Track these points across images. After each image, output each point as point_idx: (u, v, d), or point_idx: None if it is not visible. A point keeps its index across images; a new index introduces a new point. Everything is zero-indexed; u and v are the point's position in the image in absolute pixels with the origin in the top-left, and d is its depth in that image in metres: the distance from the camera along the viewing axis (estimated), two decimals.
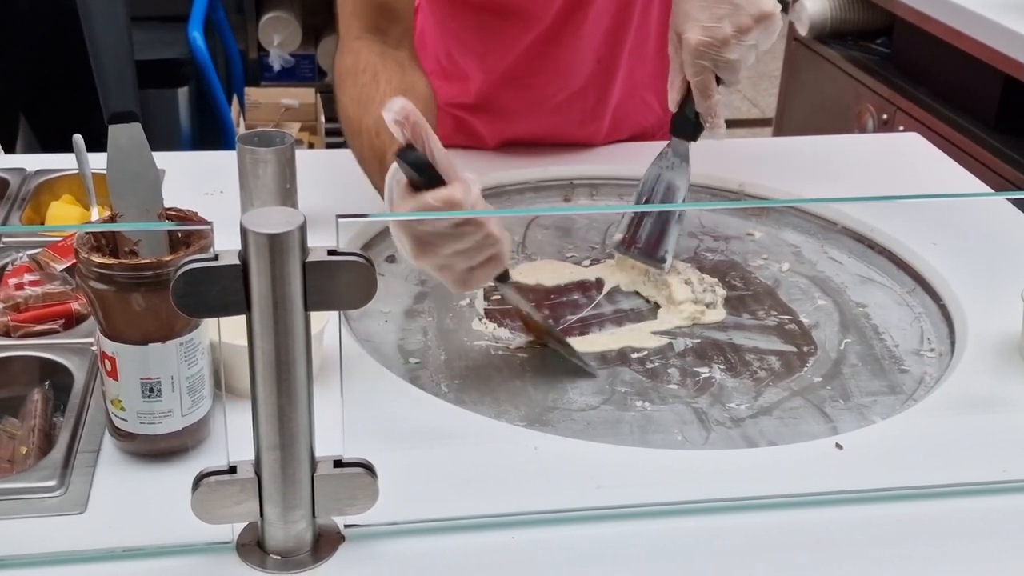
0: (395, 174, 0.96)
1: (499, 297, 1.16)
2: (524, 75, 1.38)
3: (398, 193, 0.94)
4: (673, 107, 1.17)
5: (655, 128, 1.50)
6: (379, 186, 1.03)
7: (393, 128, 0.90)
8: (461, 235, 0.93)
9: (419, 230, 0.92)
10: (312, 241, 0.70)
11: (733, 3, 1.09)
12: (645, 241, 1.20)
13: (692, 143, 1.19)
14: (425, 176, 0.91)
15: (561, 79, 1.37)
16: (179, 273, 0.68)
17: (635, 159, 1.42)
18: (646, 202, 1.22)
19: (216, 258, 0.69)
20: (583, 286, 1.21)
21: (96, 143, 1.14)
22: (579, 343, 1.09)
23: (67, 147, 1.26)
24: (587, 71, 1.38)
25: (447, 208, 0.91)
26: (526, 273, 1.22)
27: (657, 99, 1.47)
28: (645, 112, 1.48)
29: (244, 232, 0.68)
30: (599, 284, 1.21)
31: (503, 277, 1.03)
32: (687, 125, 1.18)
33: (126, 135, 0.85)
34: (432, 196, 0.91)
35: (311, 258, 0.69)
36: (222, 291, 0.69)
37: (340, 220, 0.71)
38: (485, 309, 1.15)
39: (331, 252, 0.70)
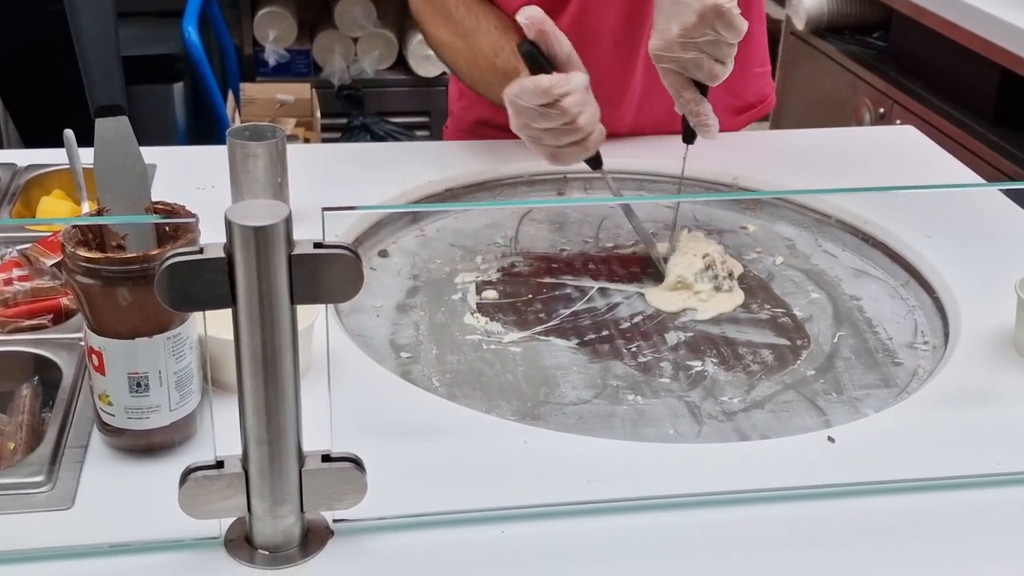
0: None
1: (492, 293, 1.16)
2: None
3: (514, 78, 1.16)
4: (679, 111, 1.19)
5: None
6: (500, 98, 1.20)
7: (523, 24, 1.13)
8: (546, 115, 1.13)
9: (517, 103, 1.14)
10: (305, 235, 0.70)
11: (679, 2, 1.10)
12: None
13: (690, 145, 1.21)
14: (534, 64, 1.14)
15: None
16: (164, 266, 0.68)
17: (630, 154, 1.42)
18: None
19: (201, 251, 0.69)
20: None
21: (83, 138, 1.13)
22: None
23: (51, 142, 1.25)
24: (605, 55, 1.37)
25: (536, 90, 1.12)
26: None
27: None
28: (672, 112, 1.47)
29: (229, 225, 0.68)
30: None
31: (595, 163, 1.21)
32: (686, 129, 1.20)
33: (112, 128, 0.85)
34: (529, 79, 1.13)
35: (296, 251, 0.69)
36: (207, 284, 0.69)
37: (326, 212, 0.71)
38: (477, 303, 1.15)
39: (317, 245, 0.70)
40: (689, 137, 1.21)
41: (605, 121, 1.44)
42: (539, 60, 1.14)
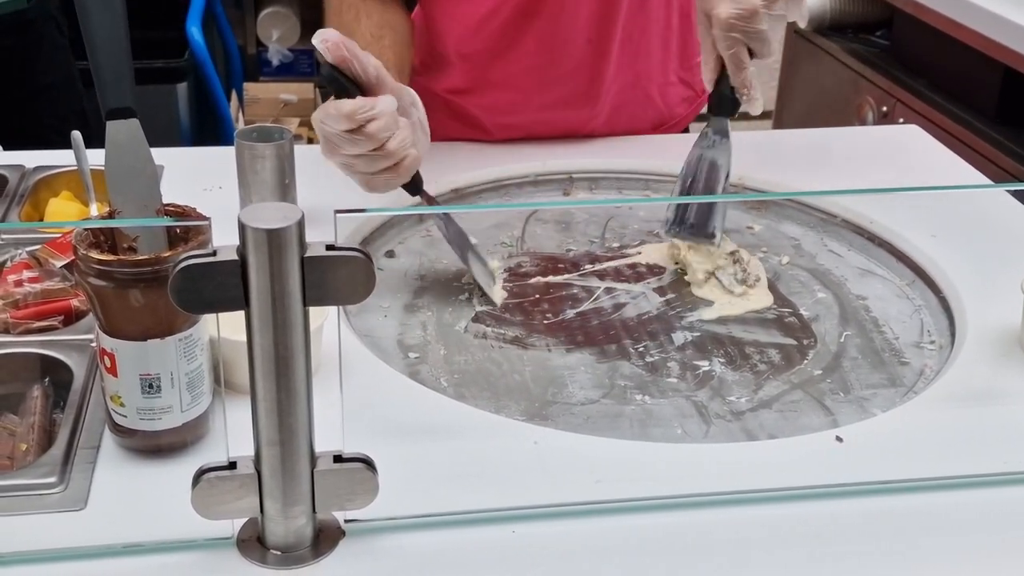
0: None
1: (491, 306, 1.16)
2: (506, 49, 1.38)
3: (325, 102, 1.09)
4: (709, 86, 1.19)
5: (656, 123, 1.50)
6: None
7: (320, 48, 1.05)
8: (353, 141, 1.06)
9: (324, 129, 1.07)
10: (311, 236, 0.70)
11: None
12: (695, 218, 1.21)
13: (730, 119, 1.21)
14: (335, 88, 1.06)
15: (547, 54, 1.37)
16: (177, 269, 0.68)
17: (634, 153, 1.42)
18: (691, 183, 1.22)
19: (214, 254, 0.69)
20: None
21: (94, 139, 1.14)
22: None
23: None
24: (577, 52, 1.37)
25: (339, 115, 1.04)
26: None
27: (660, 95, 1.47)
28: (646, 106, 1.48)
29: (242, 228, 0.68)
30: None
31: (413, 189, 1.14)
32: (724, 101, 1.19)
33: (124, 131, 0.85)
34: (332, 104, 1.06)
35: (309, 253, 0.69)
36: (220, 287, 0.69)
37: (338, 215, 0.71)
38: (475, 313, 1.14)
39: (329, 247, 0.70)
40: (727, 108, 1.20)
41: (580, 121, 1.45)
42: (343, 84, 1.06)
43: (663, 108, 1.49)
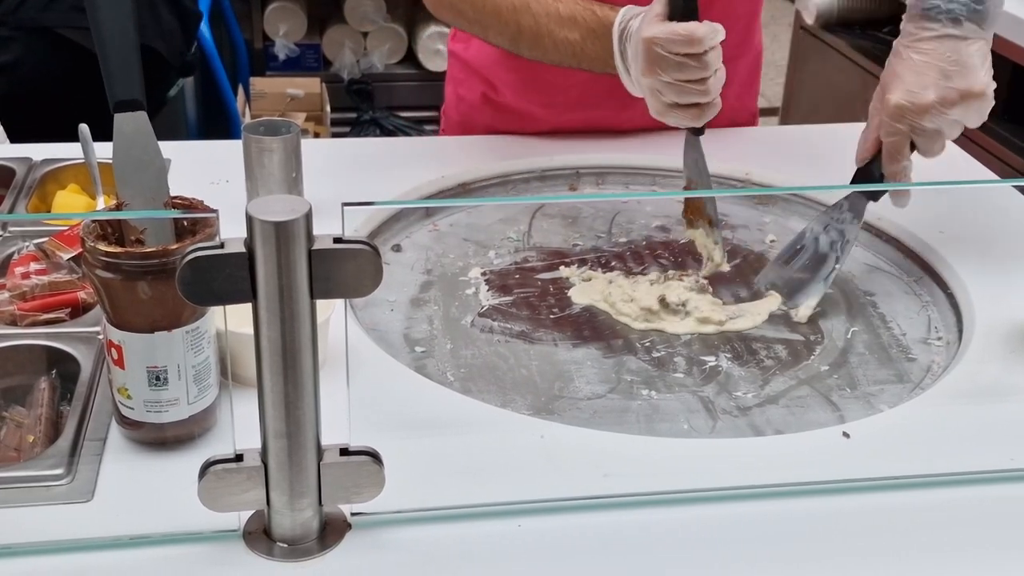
0: (647, 10, 1.11)
1: (499, 299, 1.16)
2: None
3: (648, 20, 1.09)
4: (860, 163, 1.15)
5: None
6: (568, 42, 1.21)
7: None
8: (684, 66, 1.06)
9: (655, 50, 1.06)
10: (318, 229, 0.70)
11: (944, 73, 1.06)
12: (791, 279, 1.16)
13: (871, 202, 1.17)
14: (686, 8, 1.06)
15: None
16: (185, 261, 0.68)
17: (641, 148, 1.42)
18: (800, 249, 1.17)
19: (222, 246, 0.69)
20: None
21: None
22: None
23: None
24: None
25: (688, 38, 1.05)
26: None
27: None
28: None
29: (250, 220, 0.68)
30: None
31: (698, 131, 1.15)
32: (871, 182, 1.15)
33: (131, 123, 0.85)
34: (681, 25, 1.05)
35: (317, 246, 0.69)
36: (228, 279, 0.69)
37: (345, 208, 0.71)
38: (480, 311, 1.14)
39: (337, 240, 0.70)
40: (873, 192, 1.15)
41: (619, 120, 1.44)
42: (691, 4, 1.06)
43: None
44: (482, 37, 1.33)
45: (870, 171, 1.14)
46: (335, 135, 3.31)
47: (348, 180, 1.32)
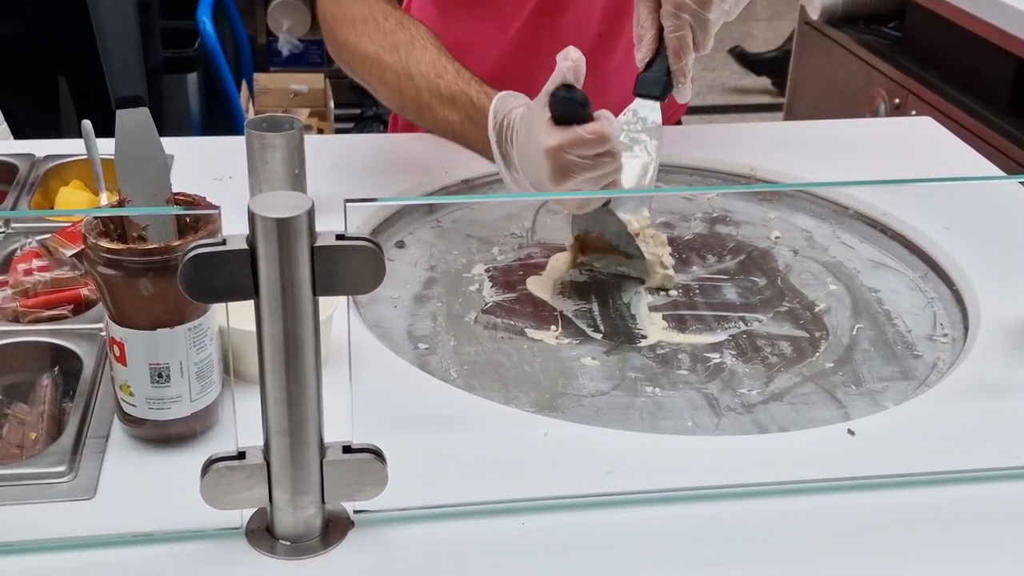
0: (527, 112, 1.05)
1: (504, 296, 1.16)
2: (525, 48, 1.37)
3: (543, 128, 1.01)
4: (641, 65, 1.14)
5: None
6: (441, 121, 1.16)
7: (567, 72, 1.00)
8: (600, 165, 1.01)
9: (565, 159, 1.00)
10: (321, 226, 0.70)
11: None
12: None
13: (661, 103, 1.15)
14: (580, 112, 1.00)
15: (560, 48, 1.36)
16: (187, 258, 0.68)
17: None
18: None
19: (224, 243, 0.69)
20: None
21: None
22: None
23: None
24: (587, 46, 1.37)
25: (600, 138, 0.99)
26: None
27: None
28: None
29: (252, 217, 0.68)
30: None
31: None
32: (656, 83, 1.13)
33: (133, 119, 0.85)
34: (584, 130, 0.99)
35: (319, 243, 0.69)
36: (230, 276, 0.69)
37: (348, 204, 0.71)
38: (483, 307, 1.14)
39: (339, 237, 0.70)
40: (659, 91, 1.14)
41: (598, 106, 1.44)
42: (585, 108, 1.00)
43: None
44: (377, 98, 1.30)
45: (653, 72, 1.13)
46: (338, 131, 3.31)
47: (351, 176, 1.31)
